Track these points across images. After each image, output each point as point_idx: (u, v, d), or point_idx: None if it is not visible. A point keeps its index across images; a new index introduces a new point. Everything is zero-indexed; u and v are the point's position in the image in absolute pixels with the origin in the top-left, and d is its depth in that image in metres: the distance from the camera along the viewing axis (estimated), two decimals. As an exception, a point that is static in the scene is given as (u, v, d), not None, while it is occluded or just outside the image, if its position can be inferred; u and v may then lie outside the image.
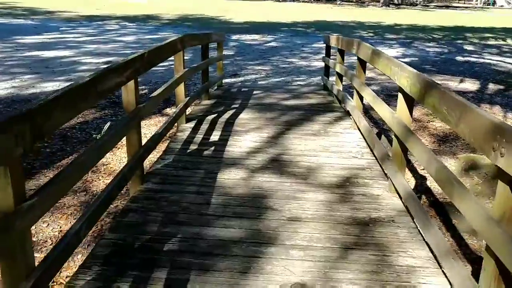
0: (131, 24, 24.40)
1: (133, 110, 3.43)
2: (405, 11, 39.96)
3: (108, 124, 6.51)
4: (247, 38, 20.15)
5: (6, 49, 14.37)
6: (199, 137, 4.99)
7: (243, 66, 12.89)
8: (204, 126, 5.40)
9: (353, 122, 5.42)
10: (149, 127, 6.48)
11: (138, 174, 3.63)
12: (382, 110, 3.92)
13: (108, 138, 2.96)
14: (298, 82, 10.31)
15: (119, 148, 5.59)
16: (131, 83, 3.36)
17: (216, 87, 8.54)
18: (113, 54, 13.97)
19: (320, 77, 10.95)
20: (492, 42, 22.50)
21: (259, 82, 10.13)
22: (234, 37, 20.58)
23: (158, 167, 4.10)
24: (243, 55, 15.07)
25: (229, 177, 3.92)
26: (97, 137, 6.20)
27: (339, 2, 44.04)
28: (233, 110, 6.33)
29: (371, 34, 23.62)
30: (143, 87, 8.77)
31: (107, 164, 5.33)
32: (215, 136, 5.03)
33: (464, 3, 54.12)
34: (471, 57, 16.90)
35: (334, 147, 4.80)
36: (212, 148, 4.63)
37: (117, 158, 5.44)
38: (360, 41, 5.02)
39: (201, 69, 6.38)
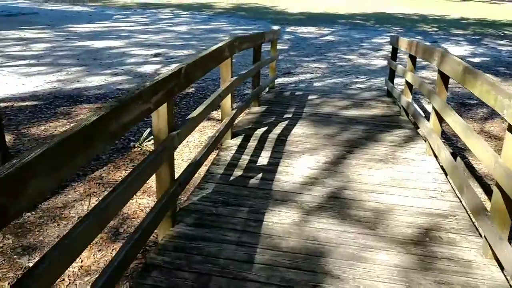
0: (185, 13, 24.05)
1: (165, 139, 2.78)
2: (471, 3, 37.39)
3: (148, 130, 5.95)
4: (303, 30, 19.23)
5: (57, 38, 14.28)
6: (245, 158, 4.29)
7: (297, 63, 12.08)
8: (252, 144, 4.70)
9: (428, 146, 4.54)
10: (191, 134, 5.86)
11: (169, 214, 2.99)
12: (478, 148, 3.05)
13: (134, 176, 2.33)
14: (358, 85, 9.39)
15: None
16: (163, 108, 2.71)
17: (267, 89, 7.82)
18: (163, 46, 13.54)
19: (382, 79, 9.98)
20: None
21: (315, 84, 9.31)
22: (289, 29, 19.72)
23: (194, 201, 3.45)
24: (298, 50, 14.23)
25: (279, 221, 3.21)
26: (135, 146, 5.66)
27: (400, -8, 41.86)
28: (286, 122, 5.58)
29: (435, 29, 22.01)
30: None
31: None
32: (263, 158, 4.31)
33: (538, -4, 50.09)
34: (551, 58, 15.20)
35: (407, 180, 3.96)
36: (260, 175, 3.92)
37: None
38: (445, 52, 4.12)
39: (251, 74, 5.67)
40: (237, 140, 4.78)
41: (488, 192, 4.68)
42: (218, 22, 20.60)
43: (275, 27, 19.72)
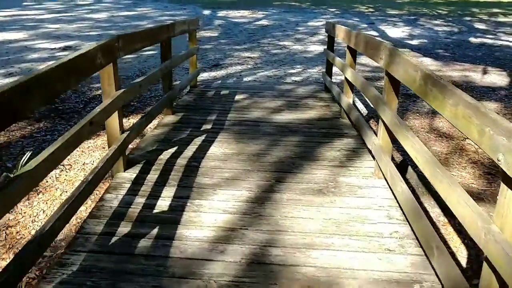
0: (107, -2, 22.11)
1: None
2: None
3: (28, 154, 4.62)
4: (235, 14, 18.04)
5: None
6: (138, 202, 3.14)
7: (227, 52, 10.93)
8: (153, 176, 3.55)
9: (377, 166, 3.60)
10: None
11: None
12: (457, 202, 2.07)
13: None
14: (293, 77, 8.41)
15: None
16: None
17: (188, 89, 6.65)
18: (75, 37, 11.92)
19: (319, 68, 9.07)
20: (502, 19, 20.53)
21: (245, 78, 8.22)
22: (221, 13, 18.47)
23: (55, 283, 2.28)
24: (229, 37, 13.07)
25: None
26: (9, 177, 4.33)
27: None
28: (202, 137, 4.47)
29: (371, 10, 21.54)
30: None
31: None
32: (164, 200, 3.18)
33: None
34: (486, 38, 14.99)
35: (353, 222, 2.99)
36: (155, 231, 2.79)
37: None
38: (395, 50, 3.15)
39: (154, 79, 4.47)
40: (133, 172, 3.60)
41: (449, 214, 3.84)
42: (144, 8, 18.97)
43: (205, 12, 18.40)
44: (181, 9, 18.80)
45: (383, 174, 3.47)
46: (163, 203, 3.12)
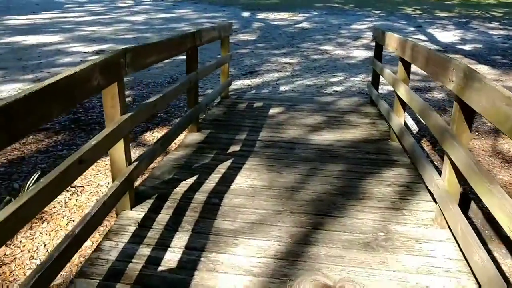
0: (148, 0, 21.94)
1: None
2: (454, -17, 35.81)
3: (36, 175, 4.16)
4: (275, 17, 17.40)
5: (-16, 34, 12.21)
6: (142, 254, 2.53)
7: (265, 57, 10.32)
8: (164, 216, 2.95)
9: (439, 212, 2.88)
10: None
11: None
12: None
13: None
14: (334, 87, 7.69)
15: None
16: None
17: (219, 99, 6.08)
18: (111, 40, 11.62)
19: (363, 76, 8.30)
20: None
21: (282, 88, 7.57)
22: (260, 15, 17.87)
23: None
24: (267, 41, 12.45)
25: None
26: (8, 201, 3.88)
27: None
28: (228, 163, 3.84)
29: (419, 12, 20.38)
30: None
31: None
32: (173, 252, 2.56)
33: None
34: (548, 42, 13.71)
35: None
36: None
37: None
38: (471, 70, 2.43)
39: (174, 95, 3.89)
40: (141, 210, 3.02)
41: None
42: (183, 10, 18.64)
43: (245, 14, 17.87)
44: (221, 11, 18.35)
45: (447, 223, 2.76)
46: (172, 257, 2.52)
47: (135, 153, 4.74)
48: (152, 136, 5.37)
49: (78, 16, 15.87)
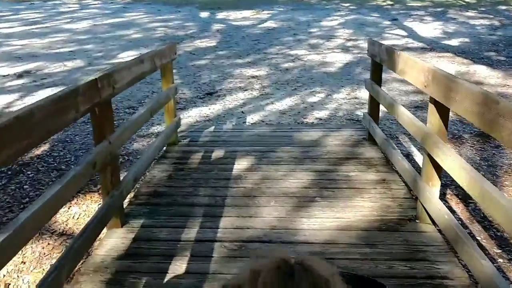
0: (95, 2, 19.79)
1: None
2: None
3: None
4: (237, 16, 15.68)
5: None
6: None
7: (227, 70, 8.64)
8: None
9: None
10: None
11: None
12: None
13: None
14: (316, 112, 6.09)
15: None
16: None
17: (164, 148, 4.39)
18: (42, 56, 9.68)
19: (347, 90, 6.74)
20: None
21: (250, 118, 5.91)
22: (221, 15, 16.11)
23: None
24: (229, 47, 10.76)
25: None
26: None
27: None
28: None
29: (390, 2, 19.03)
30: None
31: None
32: None
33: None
34: (536, 31, 12.52)
35: None
36: None
37: None
38: None
39: (65, 199, 2.20)
40: None
41: None
42: (133, 13, 16.70)
43: (203, 14, 16.08)
44: (176, 13, 16.49)
45: None
46: None
47: None
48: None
49: (8, 26, 13.74)
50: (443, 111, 2.69)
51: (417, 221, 3.03)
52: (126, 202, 3.29)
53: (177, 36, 12.25)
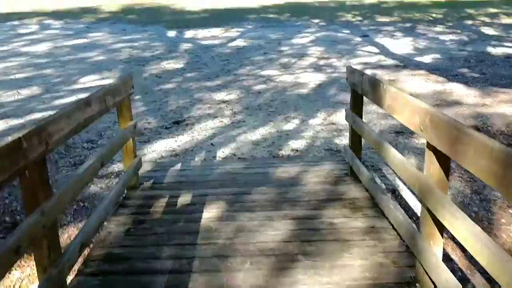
0: (57, 23, 19.01)
1: None
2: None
3: None
4: (205, 35, 15.24)
5: None
6: None
7: (195, 94, 8.16)
8: None
9: None
10: None
11: None
12: None
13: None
14: (292, 142, 5.66)
15: None
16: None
17: (124, 195, 3.86)
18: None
19: (323, 115, 6.33)
20: (507, 20, 18.21)
21: (220, 151, 5.43)
22: (188, 34, 15.64)
23: None
24: (198, 69, 10.29)
25: None
26: None
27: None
28: None
29: (359, 18, 18.98)
30: None
31: None
32: None
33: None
34: (505, 46, 12.51)
35: None
36: None
37: None
38: None
39: None
40: None
41: None
42: (97, 33, 16.06)
43: (170, 33, 15.58)
44: (142, 32, 15.94)
45: None
46: None
47: None
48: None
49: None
50: (444, 160, 2.28)
51: (417, 285, 2.60)
52: (73, 272, 2.75)
53: (142, 57, 11.71)
